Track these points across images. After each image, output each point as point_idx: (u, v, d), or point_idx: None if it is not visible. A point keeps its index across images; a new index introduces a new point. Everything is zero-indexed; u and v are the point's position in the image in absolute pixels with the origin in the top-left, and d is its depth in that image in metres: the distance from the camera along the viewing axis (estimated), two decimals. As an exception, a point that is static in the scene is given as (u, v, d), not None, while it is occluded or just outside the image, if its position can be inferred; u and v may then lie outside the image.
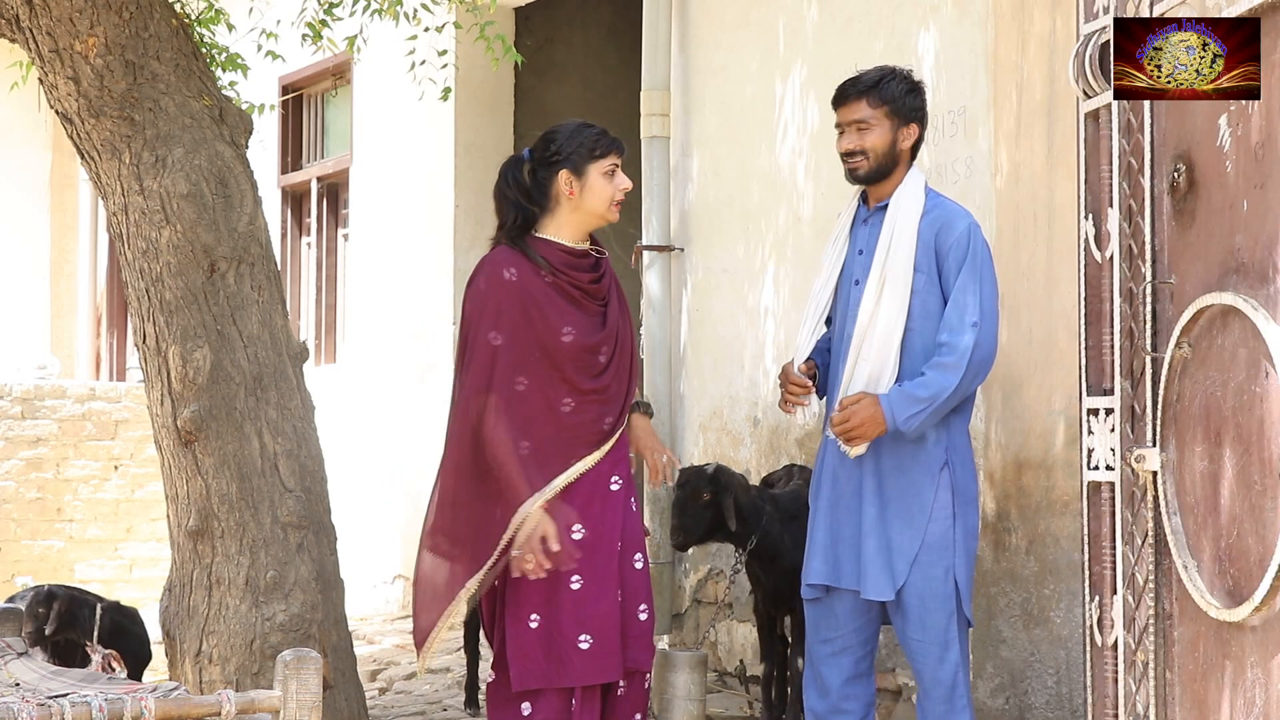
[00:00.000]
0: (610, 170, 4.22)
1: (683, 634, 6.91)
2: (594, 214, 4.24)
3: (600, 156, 4.22)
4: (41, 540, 10.53)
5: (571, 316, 4.21)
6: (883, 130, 4.29)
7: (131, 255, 4.97)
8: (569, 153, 4.20)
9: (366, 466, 9.15)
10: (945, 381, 4.11)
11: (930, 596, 4.20)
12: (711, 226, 6.84)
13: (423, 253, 8.76)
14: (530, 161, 4.26)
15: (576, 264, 4.25)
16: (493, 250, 4.28)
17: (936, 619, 4.21)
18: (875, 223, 4.32)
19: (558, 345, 4.17)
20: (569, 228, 4.25)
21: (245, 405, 4.91)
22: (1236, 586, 3.12)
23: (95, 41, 4.79)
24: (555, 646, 4.15)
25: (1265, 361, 3.02)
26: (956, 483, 4.23)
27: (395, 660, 7.50)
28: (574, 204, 4.22)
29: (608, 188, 4.22)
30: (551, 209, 4.24)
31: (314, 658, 3.07)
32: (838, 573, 4.29)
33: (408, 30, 6.80)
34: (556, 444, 4.18)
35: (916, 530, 4.20)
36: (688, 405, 6.94)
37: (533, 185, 4.25)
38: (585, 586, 4.17)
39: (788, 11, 6.40)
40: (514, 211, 4.25)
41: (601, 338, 4.24)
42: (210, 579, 4.89)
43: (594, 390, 4.22)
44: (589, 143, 4.21)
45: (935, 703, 4.24)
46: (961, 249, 4.19)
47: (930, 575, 4.20)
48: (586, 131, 4.24)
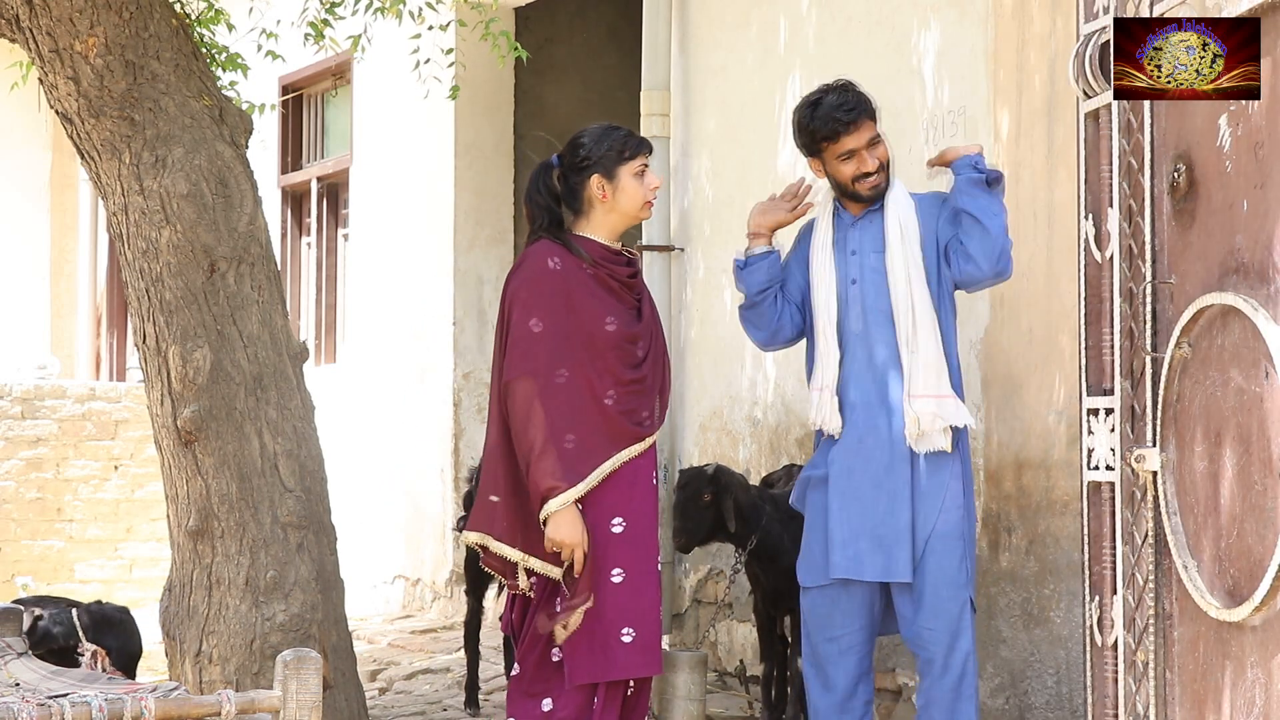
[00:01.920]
0: (640, 171, 4.29)
1: (683, 634, 6.91)
2: (628, 214, 4.31)
3: (630, 158, 4.28)
4: (41, 540, 10.53)
5: (613, 306, 4.27)
6: (883, 141, 4.44)
7: (131, 255, 4.97)
8: (599, 157, 4.26)
9: (366, 466, 9.15)
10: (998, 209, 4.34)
11: (945, 585, 4.30)
12: (711, 226, 6.84)
13: (423, 253, 8.76)
14: (560, 167, 4.30)
15: (614, 259, 4.32)
16: (535, 243, 4.31)
17: (950, 607, 4.30)
18: (868, 225, 4.44)
19: (602, 334, 4.22)
20: (604, 229, 4.31)
21: (245, 405, 4.91)
22: (1236, 586, 3.12)
23: (95, 41, 4.79)
24: (598, 640, 4.18)
25: (1265, 361, 3.02)
26: (965, 473, 4.38)
27: (395, 660, 7.50)
28: (608, 206, 4.28)
29: (639, 188, 4.28)
30: (585, 212, 4.30)
31: (314, 658, 3.07)
32: (859, 566, 4.34)
33: (408, 30, 6.80)
34: (600, 436, 4.21)
35: (930, 517, 4.30)
36: (688, 405, 6.94)
37: (564, 191, 4.30)
38: (627, 579, 4.20)
39: (788, 11, 6.40)
40: (544, 217, 4.31)
41: (640, 329, 4.31)
42: (210, 579, 4.89)
43: (635, 380, 4.27)
44: (618, 145, 4.27)
45: (944, 691, 4.29)
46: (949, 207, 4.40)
47: (945, 564, 4.30)
48: (614, 134, 4.29)
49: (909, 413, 4.31)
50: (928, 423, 4.31)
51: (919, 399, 4.31)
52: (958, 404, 4.36)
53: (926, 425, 4.31)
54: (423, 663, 7.37)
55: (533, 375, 4.16)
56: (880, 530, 4.32)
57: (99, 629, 5.37)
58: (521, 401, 4.16)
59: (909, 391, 4.32)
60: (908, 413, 4.32)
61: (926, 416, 4.30)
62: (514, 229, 8.60)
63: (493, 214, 8.58)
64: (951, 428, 4.32)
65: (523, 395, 4.16)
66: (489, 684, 6.55)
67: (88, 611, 5.43)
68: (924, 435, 4.31)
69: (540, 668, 4.25)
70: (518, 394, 4.17)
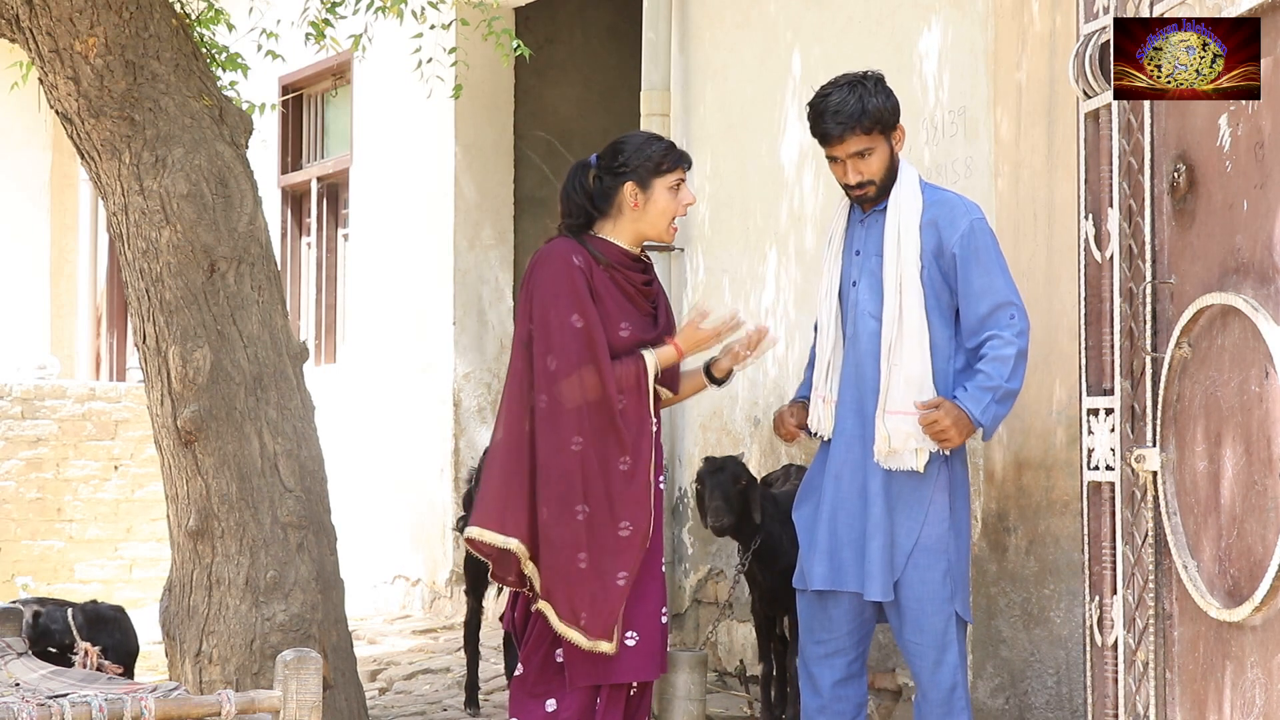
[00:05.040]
0: (675, 185, 4.30)
1: (683, 634, 6.91)
2: (655, 226, 4.32)
3: (667, 171, 4.29)
4: (41, 540, 10.53)
5: (628, 312, 4.28)
6: (881, 149, 4.25)
7: (131, 255, 4.97)
8: (636, 165, 4.27)
9: (366, 466, 9.15)
10: (1001, 370, 4.13)
11: (927, 599, 4.19)
12: (711, 226, 6.84)
13: (423, 253, 8.76)
14: (596, 168, 4.30)
15: (631, 264, 4.32)
16: (553, 240, 4.33)
17: (934, 621, 4.20)
18: (873, 224, 4.30)
19: (616, 340, 4.23)
20: (627, 235, 4.32)
21: (245, 405, 4.91)
22: (1236, 586, 3.12)
23: (95, 41, 4.79)
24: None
25: (1265, 361, 3.02)
26: (954, 481, 4.23)
27: (395, 660, 7.50)
28: (636, 215, 4.29)
29: (672, 202, 4.30)
30: (613, 215, 4.31)
31: (314, 658, 3.08)
32: (841, 576, 4.28)
33: (408, 30, 6.80)
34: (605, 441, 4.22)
35: (913, 530, 4.20)
36: (688, 405, 6.93)
37: (597, 191, 4.30)
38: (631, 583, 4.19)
39: (788, 11, 6.40)
40: (578, 214, 4.32)
41: (654, 337, 4.31)
42: (210, 579, 4.89)
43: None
44: (656, 157, 4.28)
45: (933, 705, 4.23)
46: (969, 247, 4.18)
47: (927, 578, 4.18)
48: (655, 145, 4.31)
49: (879, 429, 4.16)
50: (899, 441, 4.15)
51: (893, 415, 4.16)
52: None
53: (898, 444, 4.15)
54: (423, 663, 7.37)
55: (592, 365, 4.18)
56: (864, 543, 4.22)
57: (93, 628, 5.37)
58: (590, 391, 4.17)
59: (883, 406, 4.16)
60: (879, 429, 4.17)
61: (899, 435, 4.14)
62: (514, 229, 8.60)
63: (493, 214, 8.58)
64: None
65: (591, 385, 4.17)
66: (489, 684, 6.55)
67: (82, 611, 5.44)
68: (895, 454, 4.16)
69: (544, 668, 4.25)
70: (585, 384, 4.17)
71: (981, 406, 4.12)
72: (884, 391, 4.18)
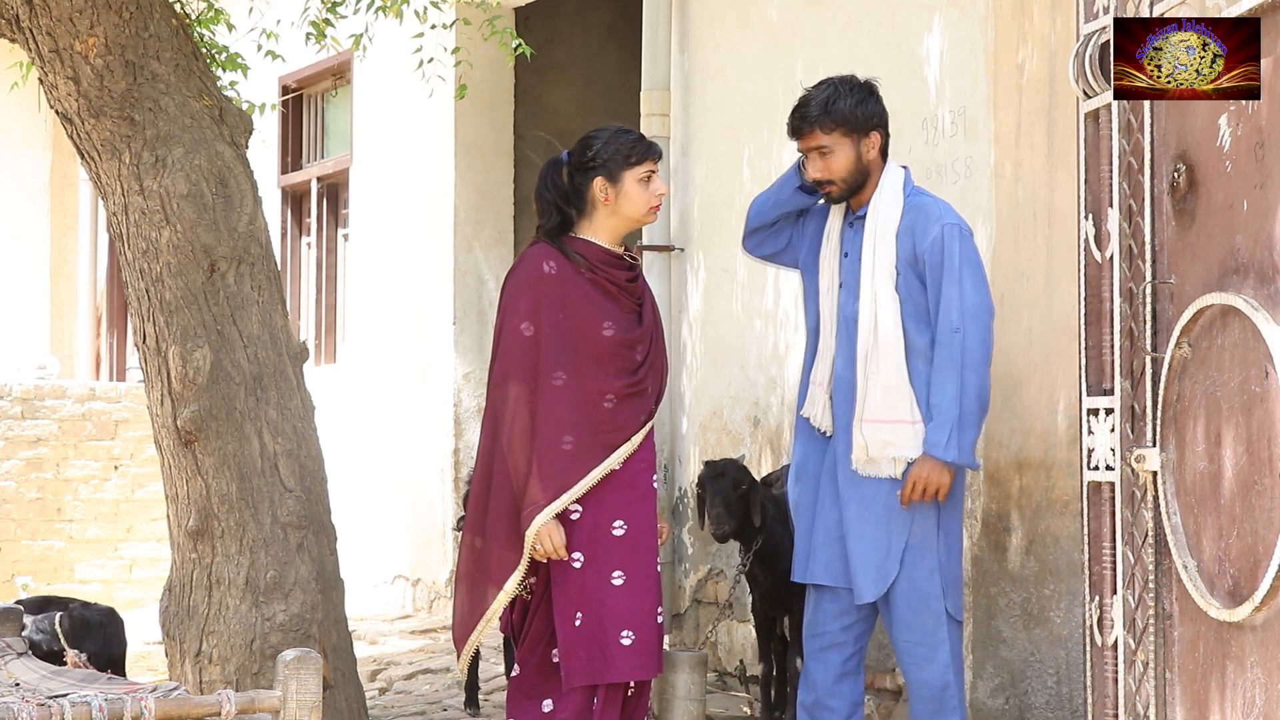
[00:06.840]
0: (646, 177, 4.28)
1: (683, 634, 6.91)
2: (630, 219, 4.31)
3: (636, 163, 4.27)
4: (41, 540, 10.53)
5: (610, 311, 4.26)
6: (844, 150, 4.25)
7: (131, 255, 4.97)
8: (605, 159, 4.26)
9: (366, 466, 9.15)
10: (949, 394, 4.11)
11: (915, 597, 4.19)
12: (712, 226, 6.84)
13: (423, 253, 8.76)
14: (568, 165, 4.29)
15: (614, 263, 4.31)
16: (531, 245, 4.32)
17: (923, 620, 4.20)
18: (859, 228, 4.31)
19: (599, 340, 4.22)
20: (605, 231, 4.30)
21: (245, 405, 4.91)
22: (1236, 586, 3.12)
23: (95, 41, 4.79)
24: (598, 642, 4.19)
25: (1265, 361, 3.02)
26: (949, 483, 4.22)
27: (395, 660, 7.50)
28: (610, 209, 4.27)
29: (643, 194, 4.27)
30: (588, 213, 4.30)
31: (314, 658, 3.08)
32: (834, 571, 4.29)
33: (408, 30, 6.80)
34: (596, 438, 4.21)
35: (900, 530, 4.19)
36: (688, 405, 6.94)
37: (570, 189, 4.28)
38: (627, 582, 4.21)
39: (788, 11, 6.40)
40: (553, 213, 4.29)
41: (639, 334, 4.30)
42: (210, 579, 4.89)
43: (632, 385, 4.27)
44: (624, 150, 4.26)
45: (924, 703, 4.24)
46: (937, 255, 4.17)
47: (914, 576, 4.19)
48: (623, 138, 4.29)
49: (857, 438, 4.16)
50: (876, 450, 4.15)
51: (870, 424, 4.16)
52: (916, 431, 4.14)
53: (875, 452, 4.15)
54: (423, 663, 7.37)
55: (522, 379, 4.17)
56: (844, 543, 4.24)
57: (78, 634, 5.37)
58: (511, 405, 4.17)
59: (860, 415, 4.16)
60: (855, 438, 4.17)
61: (876, 443, 4.14)
62: (514, 229, 8.60)
63: (493, 214, 8.58)
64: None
65: (513, 398, 4.17)
66: (489, 684, 6.55)
67: (69, 616, 5.44)
68: (872, 462, 4.16)
69: (541, 669, 4.26)
70: (508, 397, 4.18)
71: (943, 445, 4.11)
72: (861, 400, 4.18)
